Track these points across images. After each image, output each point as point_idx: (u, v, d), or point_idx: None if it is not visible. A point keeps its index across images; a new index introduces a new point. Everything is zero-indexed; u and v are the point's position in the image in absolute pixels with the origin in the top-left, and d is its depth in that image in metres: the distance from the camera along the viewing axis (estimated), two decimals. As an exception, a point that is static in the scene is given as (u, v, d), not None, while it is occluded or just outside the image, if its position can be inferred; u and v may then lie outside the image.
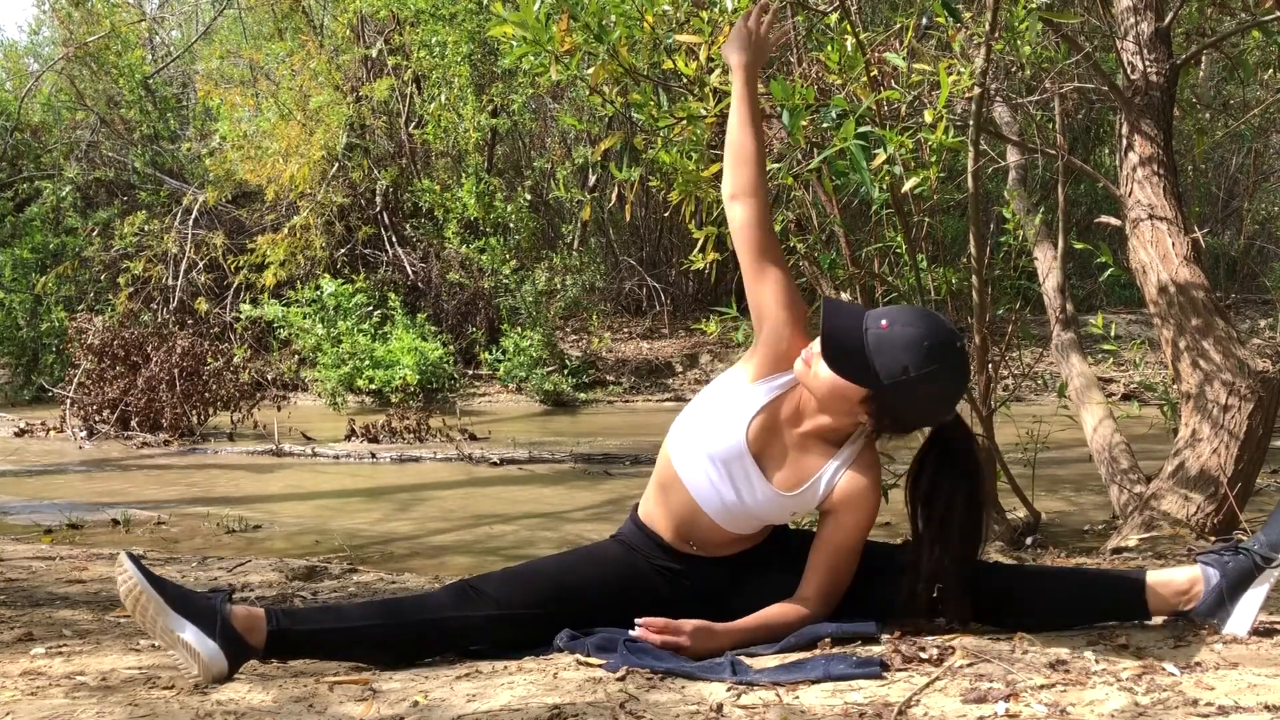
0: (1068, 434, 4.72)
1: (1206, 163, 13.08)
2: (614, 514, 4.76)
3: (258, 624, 2.09)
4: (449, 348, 11.09)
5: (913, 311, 2.11)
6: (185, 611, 2.04)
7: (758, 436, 2.20)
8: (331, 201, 11.84)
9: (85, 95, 13.76)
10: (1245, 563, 2.15)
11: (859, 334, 2.07)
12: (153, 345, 8.93)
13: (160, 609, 2.03)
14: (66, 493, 6.01)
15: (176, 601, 2.04)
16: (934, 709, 1.76)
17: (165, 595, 2.04)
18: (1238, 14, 4.52)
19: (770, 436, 2.21)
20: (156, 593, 2.03)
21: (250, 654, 2.08)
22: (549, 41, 3.03)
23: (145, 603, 2.03)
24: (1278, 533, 2.16)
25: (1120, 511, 3.78)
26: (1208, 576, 2.17)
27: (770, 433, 2.21)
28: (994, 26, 3.16)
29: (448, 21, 11.15)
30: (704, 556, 2.29)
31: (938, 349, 2.04)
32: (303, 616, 2.20)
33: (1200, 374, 3.44)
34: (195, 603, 2.06)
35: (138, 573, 2.04)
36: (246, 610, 2.10)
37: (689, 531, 2.27)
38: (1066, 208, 4.28)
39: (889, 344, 2.05)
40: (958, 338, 2.10)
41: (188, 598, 2.07)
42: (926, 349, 2.03)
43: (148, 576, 2.05)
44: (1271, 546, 2.15)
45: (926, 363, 2.03)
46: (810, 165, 3.03)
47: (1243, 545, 2.19)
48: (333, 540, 4.49)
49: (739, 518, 2.23)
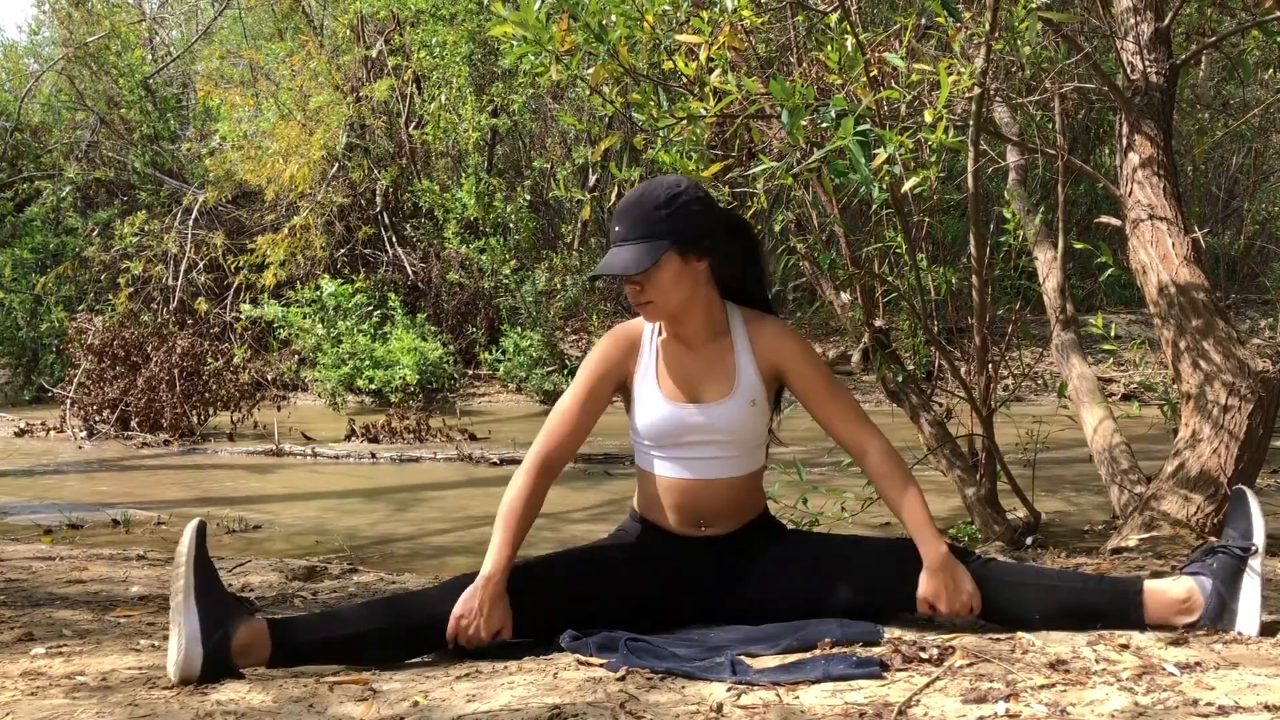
0: (1068, 434, 4.72)
1: (1206, 163, 13.08)
2: (614, 514, 4.76)
3: (260, 639, 2.10)
4: (449, 348, 11.09)
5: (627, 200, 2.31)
6: (201, 604, 2.05)
7: (672, 391, 2.34)
8: (331, 201, 11.84)
9: (85, 95, 13.74)
10: (1227, 560, 2.19)
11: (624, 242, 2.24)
12: (153, 345, 8.92)
13: (186, 589, 2.05)
14: (66, 493, 6.00)
15: (202, 589, 2.06)
16: (934, 709, 1.76)
17: (199, 582, 2.07)
18: (1238, 14, 4.52)
19: (681, 381, 2.34)
20: (194, 575, 2.06)
21: (230, 675, 2.07)
22: (549, 41, 3.03)
23: (179, 575, 2.06)
24: (1244, 523, 2.22)
25: (1120, 512, 3.78)
26: (1202, 585, 2.19)
27: (680, 379, 2.34)
28: (994, 26, 3.16)
29: (448, 21, 11.15)
30: (714, 536, 2.35)
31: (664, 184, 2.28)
32: (304, 626, 2.21)
33: (1200, 374, 3.44)
34: (215, 605, 2.07)
35: (193, 547, 2.07)
36: (250, 630, 2.10)
37: (699, 511, 2.34)
38: (1066, 208, 4.28)
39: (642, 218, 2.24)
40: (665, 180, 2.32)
41: (213, 596, 2.08)
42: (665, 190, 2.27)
43: (199, 557, 2.08)
44: (1243, 536, 2.20)
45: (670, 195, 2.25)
46: (808, 163, 3.02)
47: (1217, 546, 2.23)
48: (333, 541, 4.49)
49: (733, 453, 2.33)
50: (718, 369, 2.34)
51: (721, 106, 3.23)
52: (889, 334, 3.97)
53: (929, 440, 3.85)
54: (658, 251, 2.22)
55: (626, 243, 2.24)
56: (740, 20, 3.28)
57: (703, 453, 2.32)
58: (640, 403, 2.36)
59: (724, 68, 3.23)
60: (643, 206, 2.26)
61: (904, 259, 3.71)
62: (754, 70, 3.77)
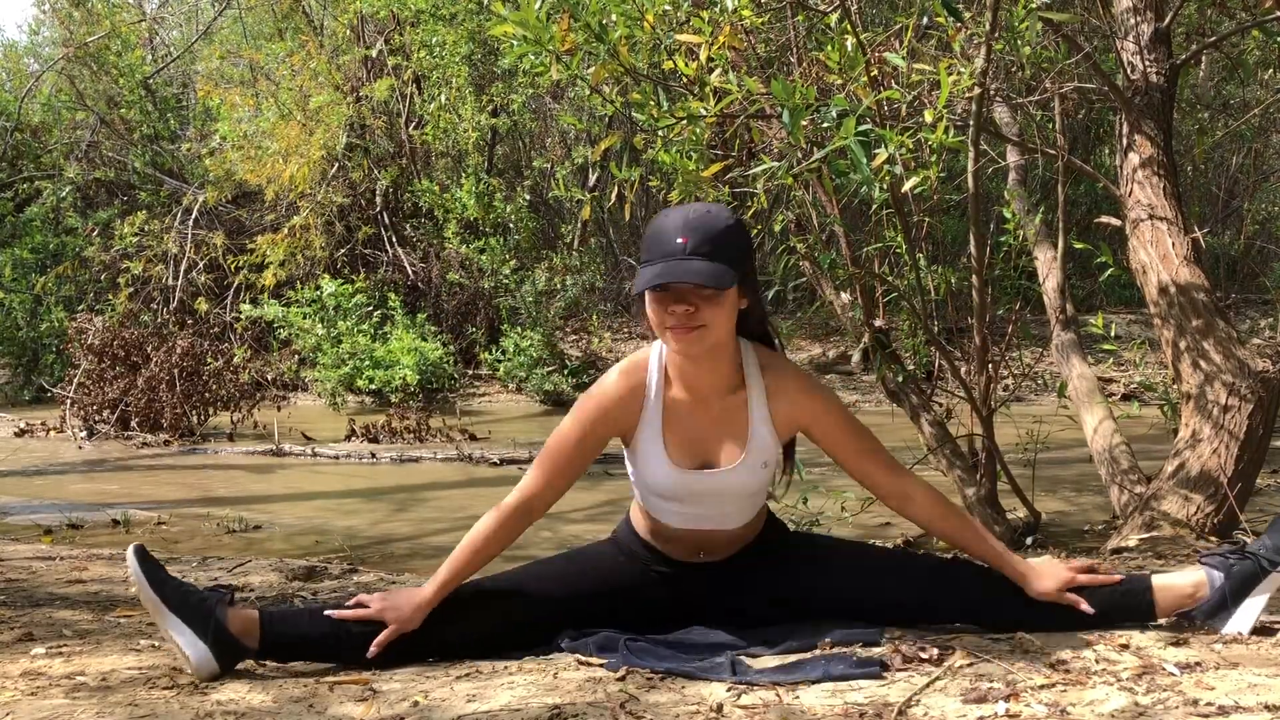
0: (1068, 434, 4.72)
1: (1206, 163, 13.08)
2: (613, 514, 4.75)
3: (252, 627, 2.12)
4: (449, 348, 11.09)
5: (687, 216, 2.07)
6: (181, 613, 2.07)
7: (679, 455, 2.17)
8: (331, 201, 11.84)
9: (85, 95, 13.75)
10: (1250, 566, 2.14)
11: (695, 255, 2.00)
12: (153, 345, 8.92)
13: (157, 609, 2.07)
14: (66, 493, 6.01)
15: (174, 602, 2.08)
16: (934, 709, 1.76)
17: (164, 595, 2.08)
18: (1238, 14, 4.52)
19: (688, 444, 2.18)
20: (155, 593, 2.07)
21: (246, 654, 2.11)
22: (549, 41, 3.03)
23: (144, 602, 2.09)
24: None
25: (1120, 512, 3.78)
26: (1212, 579, 2.16)
27: (688, 442, 2.18)
28: (994, 26, 3.16)
29: (447, 22, 11.15)
30: (712, 562, 2.29)
31: (723, 210, 2.08)
32: (295, 618, 2.22)
33: (1200, 374, 3.44)
34: (192, 604, 2.08)
35: (139, 574, 2.08)
36: (243, 614, 2.12)
37: (699, 546, 2.28)
38: (1066, 208, 4.28)
39: (713, 236, 2.01)
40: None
41: (185, 598, 2.09)
42: (727, 215, 2.07)
43: (149, 576, 2.08)
44: (1277, 550, 2.13)
45: (735, 221, 2.07)
46: (809, 163, 3.02)
47: (1249, 548, 2.18)
48: (333, 540, 4.49)
49: (739, 507, 2.23)
50: (729, 430, 2.17)
51: (721, 106, 3.23)
52: (889, 334, 3.97)
53: (929, 440, 3.85)
54: (733, 278, 2.01)
55: (698, 257, 1.99)
56: (740, 20, 3.28)
57: (706, 509, 2.21)
58: (642, 460, 2.20)
59: (724, 68, 3.22)
60: (713, 225, 2.03)
61: (904, 259, 3.71)
62: (754, 70, 3.77)
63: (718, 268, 1.99)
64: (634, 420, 2.18)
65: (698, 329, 2.04)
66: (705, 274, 1.98)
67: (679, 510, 2.23)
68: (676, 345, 2.07)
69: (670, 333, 2.06)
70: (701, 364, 2.13)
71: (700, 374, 2.15)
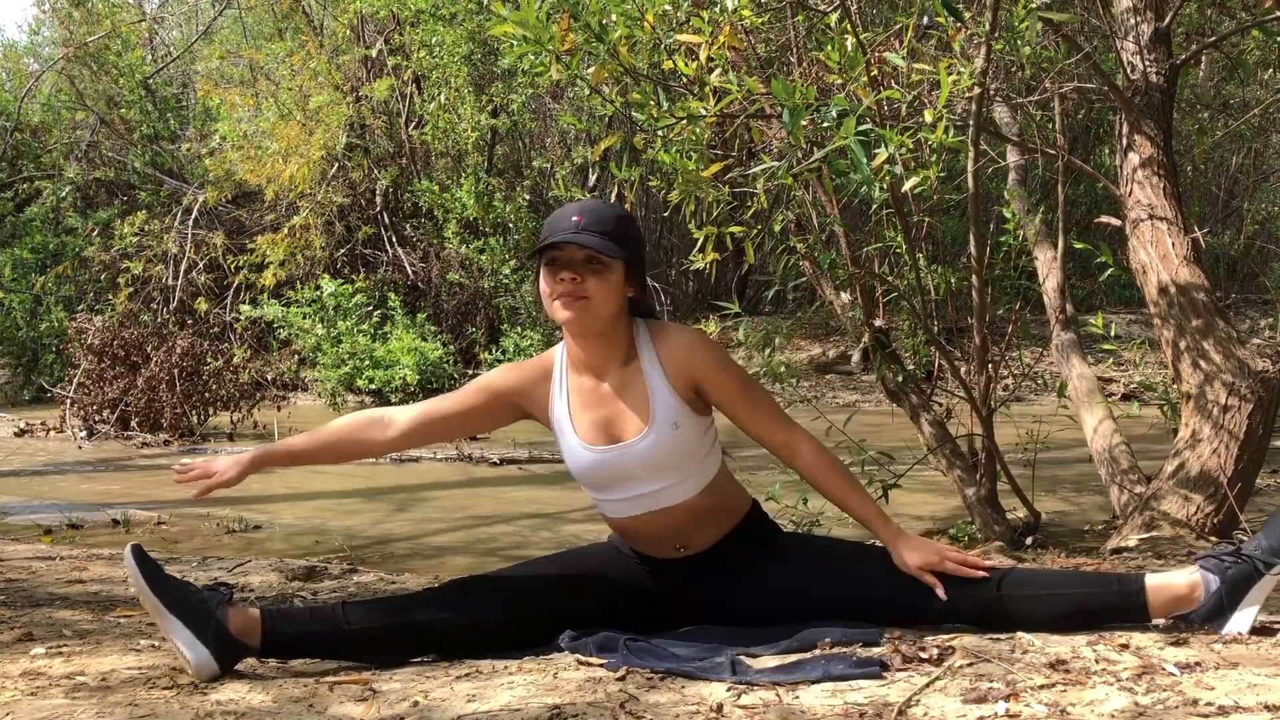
0: (1068, 434, 4.71)
1: (1206, 163, 13.08)
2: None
3: (253, 626, 2.12)
4: (449, 348, 11.09)
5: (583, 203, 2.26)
6: (181, 613, 2.07)
7: (589, 435, 2.24)
8: (331, 201, 11.84)
9: (85, 95, 13.75)
10: (1245, 568, 2.13)
11: (586, 231, 2.14)
12: (152, 345, 8.91)
13: (156, 609, 2.08)
14: (66, 493, 6.00)
15: (173, 602, 2.08)
16: (934, 709, 1.76)
17: (163, 596, 2.08)
18: (1238, 14, 4.52)
19: (595, 423, 2.24)
20: (154, 594, 2.08)
21: (247, 653, 2.12)
22: (549, 41, 3.03)
23: (144, 603, 2.09)
24: (1278, 537, 2.14)
25: (1120, 512, 3.78)
26: (1207, 582, 2.14)
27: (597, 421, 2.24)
28: (994, 26, 3.16)
29: (447, 21, 11.15)
30: (695, 554, 2.29)
31: (620, 206, 2.28)
32: (296, 616, 2.24)
33: (1200, 374, 3.44)
34: (192, 604, 2.09)
35: (138, 574, 2.08)
36: (243, 614, 2.12)
37: (669, 537, 2.28)
38: (1066, 208, 4.28)
39: (604, 220, 2.17)
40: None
41: (185, 599, 2.10)
42: (619, 210, 2.27)
43: (148, 577, 2.09)
44: (1272, 552, 2.12)
45: (625, 215, 2.25)
46: (809, 163, 3.02)
47: (1244, 550, 2.16)
48: (332, 540, 4.49)
49: (674, 478, 2.23)
50: (631, 401, 2.22)
51: (721, 106, 3.23)
52: (889, 334, 3.97)
53: (929, 440, 3.85)
54: (618, 253, 2.16)
55: (589, 233, 2.14)
56: (740, 20, 3.28)
57: (640, 489, 2.22)
58: (565, 449, 2.28)
59: (724, 68, 3.22)
60: (607, 212, 2.21)
61: (904, 259, 3.71)
62: (754, 70, 3.77)
63: (605, 241, 2.14)
64: (543, 401, 2.29)
65: (582, 299, 2.15)
66: (593, 243, 2.13)
67: (621, 498, 2.25)
68: (562, 315, 2.17)
69: (557, 301, 2.16)
70: (592, 341, 2.22)
71: (593, 350, 2.24)
